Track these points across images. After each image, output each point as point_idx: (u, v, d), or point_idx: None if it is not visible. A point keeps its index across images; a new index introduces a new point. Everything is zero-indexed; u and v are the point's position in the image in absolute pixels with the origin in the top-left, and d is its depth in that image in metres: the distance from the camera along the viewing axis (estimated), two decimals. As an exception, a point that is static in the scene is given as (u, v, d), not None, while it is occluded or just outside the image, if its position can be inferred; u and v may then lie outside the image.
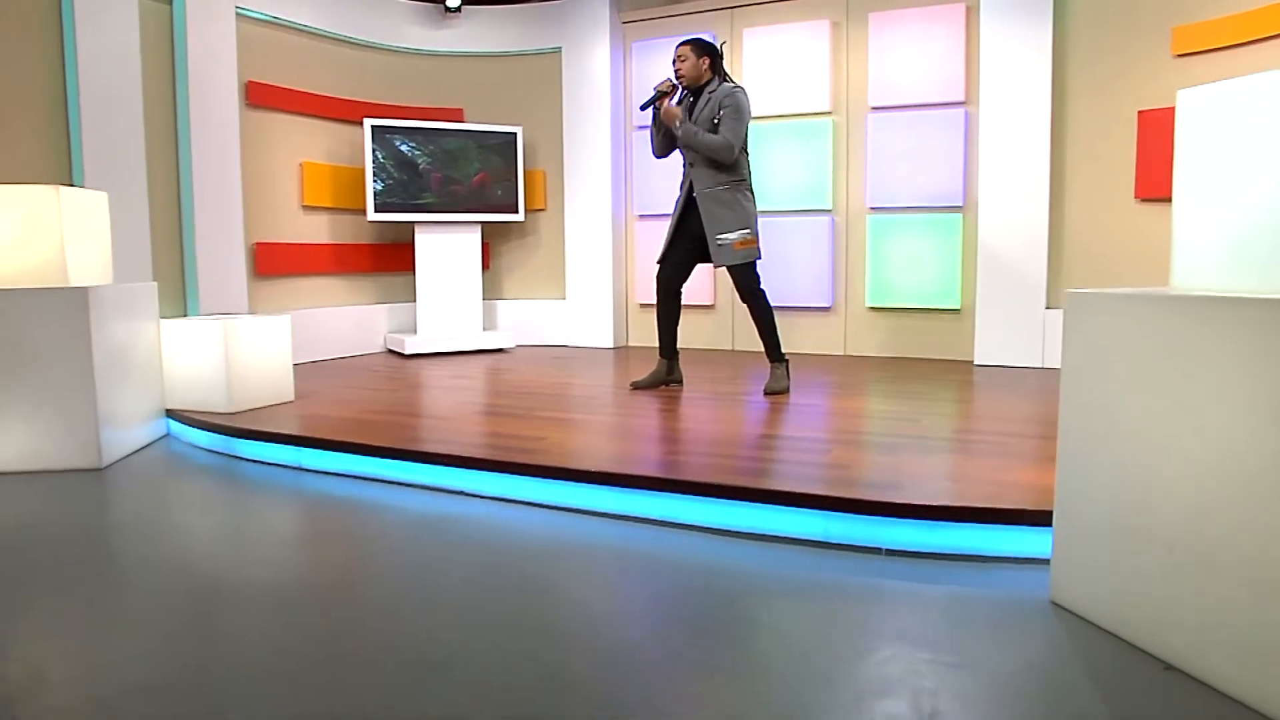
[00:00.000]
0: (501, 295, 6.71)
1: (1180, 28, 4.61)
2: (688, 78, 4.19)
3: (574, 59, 6.32)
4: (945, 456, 2.96)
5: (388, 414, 3.85)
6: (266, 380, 4.06)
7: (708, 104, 4.15)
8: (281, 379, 4.15)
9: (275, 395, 4.11)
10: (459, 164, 6.11)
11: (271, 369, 4.09)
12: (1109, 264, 5.01)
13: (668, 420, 3.72)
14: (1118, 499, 1.89)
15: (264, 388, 4.05)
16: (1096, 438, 1.94)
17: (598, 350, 6.31)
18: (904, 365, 5.36)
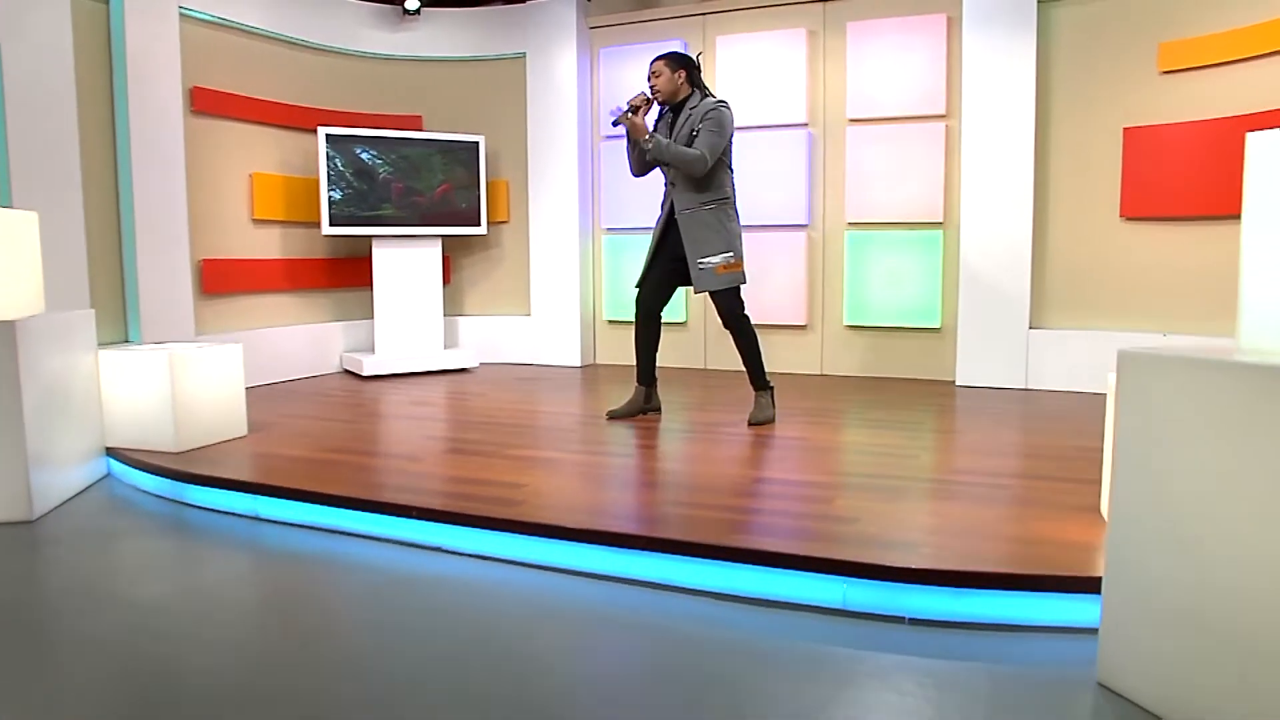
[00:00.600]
0: (463, 311, 6.46)
1: (1167, 44, 4.54)
2: (664, 93, 4.00)
3: (539, 65, 6.09)
4: (958, 505, 2.81)
5: (350, 452, 3.60)
6: (217, 414, 3.78)
7: (688, 120, 3.97)
8: (233, 412, 3.87)
9: (227, 430, 3.83)
10: (419, 174, 5.85)
11: (222, 402, 3.81)
12: (1093, 284, 4.94)
13: (651, 460, 3.52)
14: (1171, 574, 1.74)
15: (214, 422, 3.77)
16: (1149, 506, 1.80)
17: (565, 369, 6.10)
18: (884, 386, 5.23)
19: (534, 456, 3.50)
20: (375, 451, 3.63)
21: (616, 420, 4.24)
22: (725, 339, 5.81)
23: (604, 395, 5.01)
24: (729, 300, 4.03)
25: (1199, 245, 4.54)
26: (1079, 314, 5.00)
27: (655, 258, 4.12)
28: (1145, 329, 4.77)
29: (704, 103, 3.98)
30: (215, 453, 3.60)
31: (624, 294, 6.11)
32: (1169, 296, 4.67)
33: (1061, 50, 4.89)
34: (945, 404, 4.67)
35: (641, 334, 4.22)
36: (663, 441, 3.81)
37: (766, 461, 3.46)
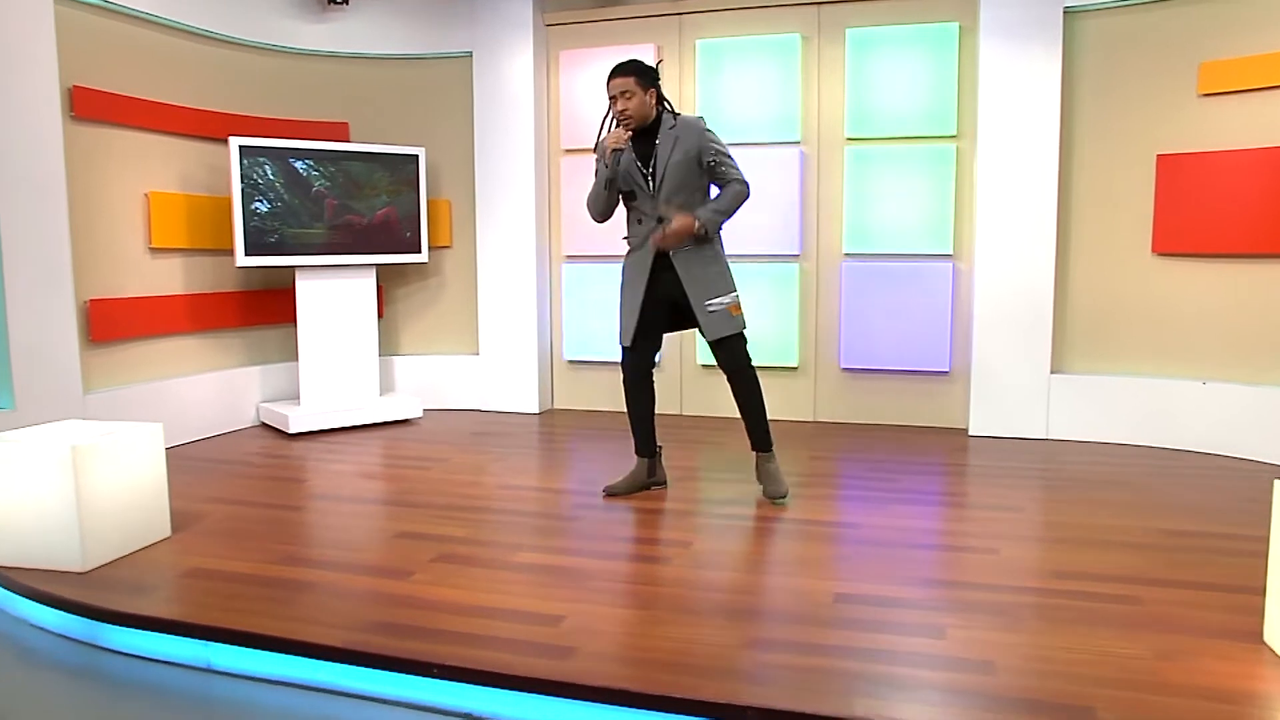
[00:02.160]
0: (398, 350, 5.81)
1: (1210, 64, 4.33)
2: (636, 118, 3.51)
3: (488, 66, 5.51)
4: (1090, 630, 2.44)
5: (311, 564, 2.98)
6: (134, 515, 3.09)
7: (675, 145, 3.50)
8: (154, 510, 3.19)
9: (146, 533, 3.15)
10: (352, 193, 5.19)
11: (141, 499, 3.12)
12: (1120, 325, 4.71)
13: (691, 566, 3.03)
14: None
15: (131, 527, 3.08)
16: None
17: (522, 416, 5.54)
18: (889, 437, 4.89)
19: (549, 566, 2.98)
20: (342, 562, 3.02)
21: (616, 498, 3.76)
22: (704, 380, 5.44)
23: (582, 455, 4.51)
24: (739, 346, 3.60)
25: (1240, 285, 4.34)
26: (1105, 357, 4.76)
27: (644, 311, 3.64)
28: (1179, 375, 4.57)
29: (683, 121, 3.55)
30: (135, 569, 2.93)
31: (586, 331, 5.60)
32: (1206, 340, 4.47)
33: (1088, 67, 4.64)
34: (972, 462, 4.36)
35: (636, 400, 3.78)
36: (686, 532, 3.33)
37: (824, 565, 3.03)
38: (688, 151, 3.49)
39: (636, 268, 3.64)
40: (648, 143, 3.53)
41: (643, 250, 3.60)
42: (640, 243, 3.62)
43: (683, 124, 3.53)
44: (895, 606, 2.65)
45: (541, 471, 4.22)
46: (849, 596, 2.73)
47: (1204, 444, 4.46)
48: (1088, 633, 2.46)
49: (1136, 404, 4.64)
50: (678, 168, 3.49)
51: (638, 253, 3.64)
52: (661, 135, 3.53)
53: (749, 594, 2.78)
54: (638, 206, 3.60)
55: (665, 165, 3.50)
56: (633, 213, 3.65)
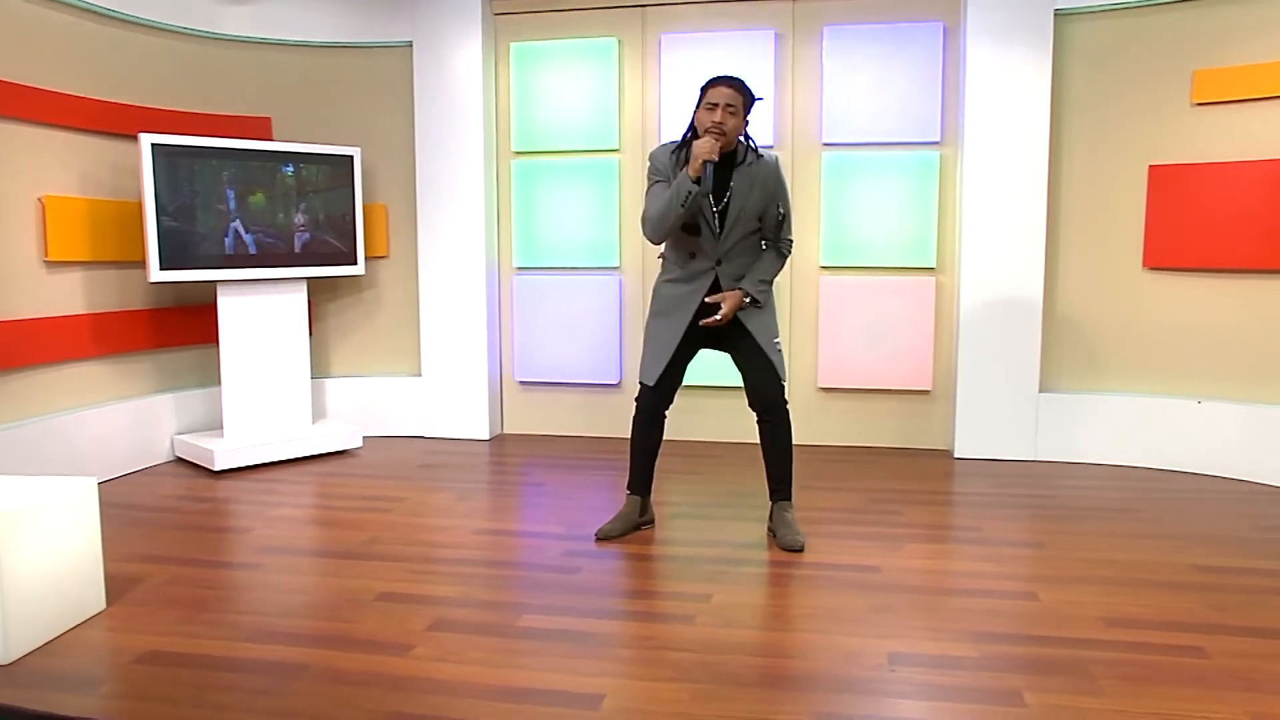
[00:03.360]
0: (329, 372, 5.44)
1: (1204, 71, 4.38)
2: (729, 141, 3.26)
3: (430, 58, 5.20)
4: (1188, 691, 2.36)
5: (287, 638, 2.68)
6: (65, 590, 2.72)
7: (753, 187, 3.32)
8: (87, 580, 2.82)
9: (79, 608, 2.78)
10: (280, 198, 4.81)
11: (72, 568, 2.75)
12: (1110, 342, 4.74)
13: (709, 619, 2.85)
14: None
15: (62, 603, 2.71)
16: None
17: (471, 444, 5.25)
18: (871, 460, 4.82)
19: (563, 631, 2.74)
20: (324, 635, 2.71)
21: (610, 541, 3.56)
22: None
23: (553, 491, 4.27)
24: (780, 386, 3.51)
25: (1235, 302, 4.41)
26: (1095, 376, 4.78)
27: (681, 349, 3.46)
28: (1173, 394, 4.61)
29: (766, 163, 3.38)
30: (71, 656, 2.57)
31: (539, 350, 5.36)
32: (1200, 358, 4.53)
33: (1079, 72, 4.64)
34: (970, 490, 4.30)
35: (646, 438, 3.62)
36: (699, 581, 3.14)
37: (861, 618, 2.88)
38: (765, 196, 3.34)
39: (680, 302, 3.44)
40: (722, 175, 3.30)
41: (693, 285, 3.41)
42: (690, 278, 3.42)
43: (762, 165, 3.34)
44: (957, 668, 2.53)
45: (516, 512, 3.97)
46: (904, 657, 2.59)
47: (1198, 465, 4.52)
48: (1170, 693, 2.38)
49: (1128, 424, 4.67)
50: (752, 213, 3.34)
51: (683, 286, 3.44)
52: (739, 172, 3.32)
53: (794, 657, 2.60)
54: (698, 242, 3.38)
55: (740, 208, 3.32)
56: (687, 244, 3.41)
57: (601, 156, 5.22)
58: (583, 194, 5.23)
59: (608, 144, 5.19)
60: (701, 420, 5.17)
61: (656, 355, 3.47)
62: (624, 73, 5.17)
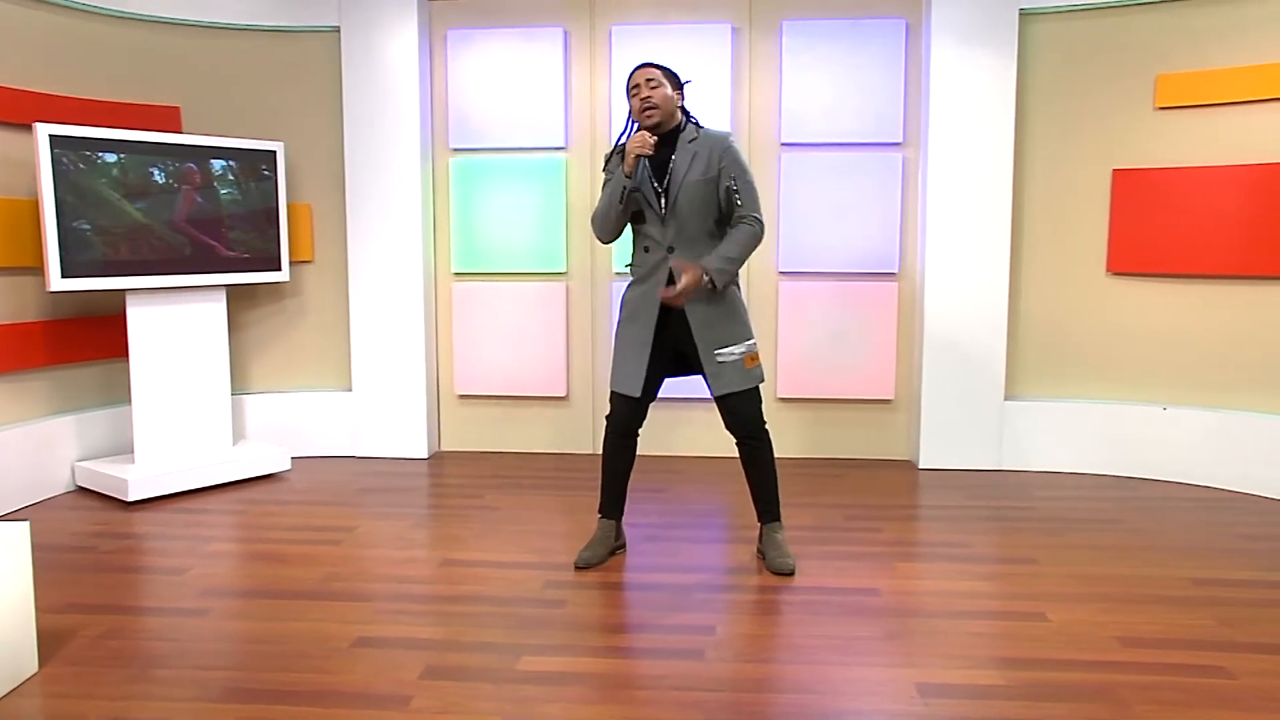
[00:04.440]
0: (248, 388, 5.17)
1: (1168, 76, 4.52)
2: (661, 110, 3.25)
3: (359, 45, 4.99)
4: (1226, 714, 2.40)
5: (258, 695, 2.48)
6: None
7: (693, 160, 3.26)
8: (17, 638, 2.57)
9: (11, 673, 2.52)
10: (195, 197, 4.53)
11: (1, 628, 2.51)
12: (1074, 347, 4.86)
13: (721, 654, 2.78)
14: None
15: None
16: None
17: (409, 463, 5.06)
18: (835, 472, 4.83)
19: (570, 674, 2.63)
20: (307, 691, 2.52)
21: (590, 569, 3.47)
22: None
23: (512, 515, 4.13)
24: (754, 404, 3.40)
25: (1199, 307, 4.57)
26: (1059, 382, 4.90)
27: (652, 357, 3.36)
28: (1137, 400, 4.76)
29: (710, 135, 3.31)
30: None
31: (481, 360, 5.20)
32: (1164, 364, 4.68)
33: (1043, 74, 4.74)
34: (945, 503, 4.34)
35: (618, 458, 3.53)
36: (697, 612, 3.07)
37: (878, 647, 2.85)
38: (708, 170, 3.24)
39: (644, 303, 3.34)
40: (664, 155, 3.25)
41: (651, 281, 3.32)
42: (648, 273, 3.33)
43: (705, 137, 3.29)
44: (990, 698, 2.52)
45: (479, 540, 3.81)
46: (932, 688, 2.57)
47: (1165, 472, 4.67)
48: (1204, 717, 2.41)
49: (1093, 431, 4.80)
50: (695, 188, 3.24)
51: (645, 285, 3.35)
52: (680, 148, 3.27)
53: (821, 692, 2.55)
54: (646, 231, 3.32)
55: (680, 184, 3.24)
56: (640, 238, 3.36)
57: (547, 155, 5.09)
58: (527, 194, 5.09)
59: (553, 141, 5.07)
60: (659, 434, 5.09)
61: (630, 362, 3.36)
62: (571, 65, 5.06)
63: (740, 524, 4.03)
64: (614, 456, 3.51)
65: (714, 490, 4.54)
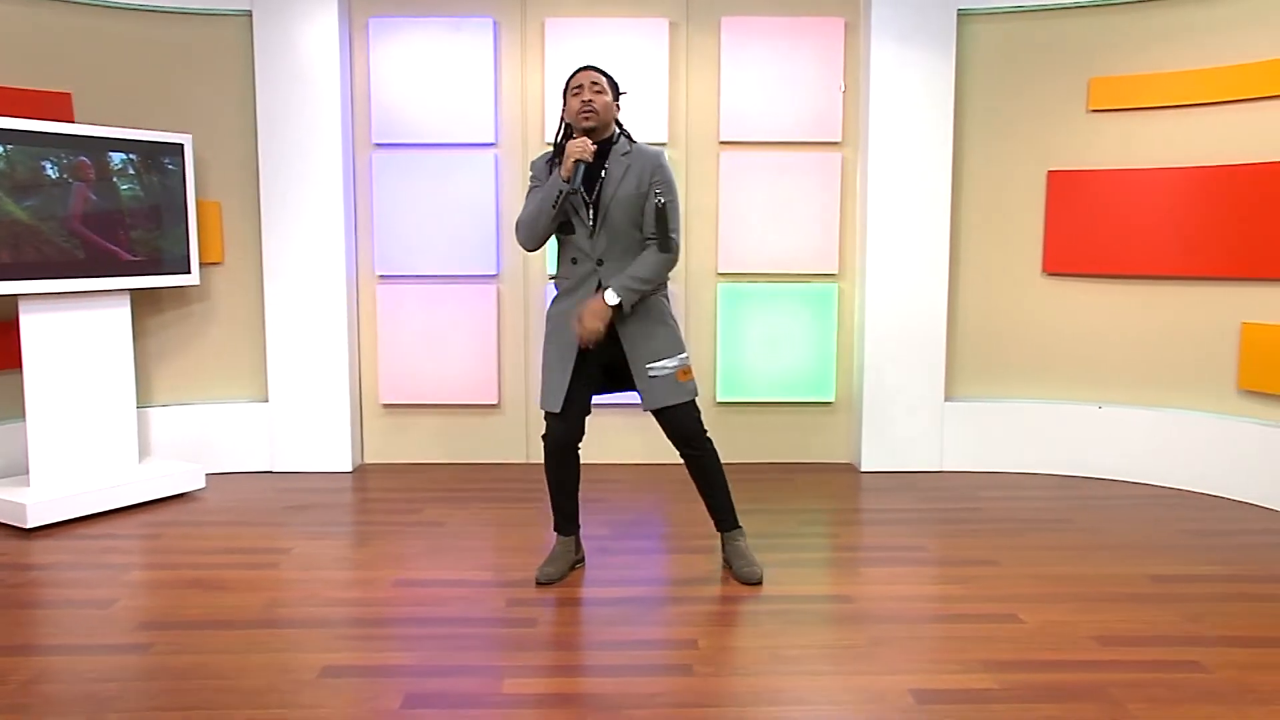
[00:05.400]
0: (152, 400, 4.93)
1: (1100, 79, 4.74)
2: (598, 118, 3.25)
3: (274, 31, 4.81)
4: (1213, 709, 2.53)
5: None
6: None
7: (625, 174, 3.26)
8: (-54, 683, 2.39)
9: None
10: (93, 193, 4.30)
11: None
12: (1012, 347, 5.04)
13: (709, 668, 2.78)
14: None
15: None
16: None
17: (332, 478, 4.90)
18: (778, 477, 4.91)
19: (558, 695, 2.59)
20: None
21: (551, 585, 3.45)
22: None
23: (457, 530, 4.06)
24: (691, 417, 3.42)
25: (1132, 307, 4.80)
26: (997, 382, 5.07)
27: (576, 371, 3.35)
28: (1073, 399, 4.96)
29: (643, 151, 3.33)
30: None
31: (407, 367, 5.09)
32: (1099, 363, 4.90)
33: (980, 75, 4.91)
34: (894, 505, 4.44)
35: (561, 473, 3.49)
36: (675, 626, 3.07)
37: (863, 654, 2.90)
38: (639, 185, 3.25)
39: (569, 316, 3.32)
40: (595, 166, 3.24)
41: (578, 294, 3.31)
42: (575, 285, 3.32)
43: (638, 152, 3.30)
44: (985, 701, 2.59)
45: (428, 558, 3.72)
46: (928, 694, 2.63)
47: (1102, 470, 4.88)
48: (1194, 713, 2.52)
49: (1032, 431, 4.99)
50: (626, 203, 3.24)
51: (569, 299, 3.33)
52: (612, 159, 3.27)
53: (820, 703, 2.57)
54: (573, 242, 3.30)
55: (611, 197, 3.24)
56: (568, 248, 3.34)
57: (476, 151, 5.02)
58: (455, 193, 5.00)
59: (483, 137, 4.99)
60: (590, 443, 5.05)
61: (555, 377, 3.34)
62: (502, 58, 5.00)
63: (691, 532, 4.05)
64: (556, 474, 3.48)
65: (655, 498, 4.55)
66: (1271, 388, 4.39)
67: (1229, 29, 4.42)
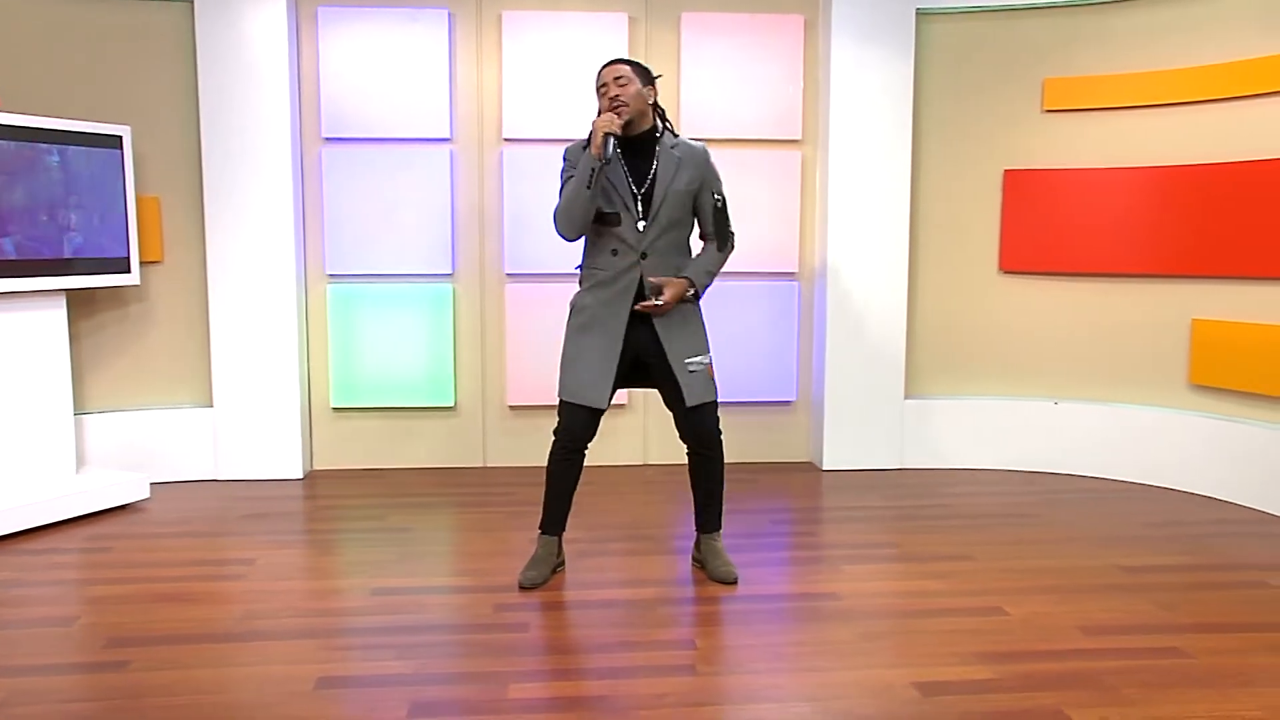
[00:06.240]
0: (87, 406, 4.78)
1: (1053, 80, 4.92)
2: (631, 109, 3.27)
3: (216, 18, 4.70)
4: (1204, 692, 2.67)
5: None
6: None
7: (678, 170, 3.33)
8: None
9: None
10: (25, 187, 4.17)
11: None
12: (969, 345, 5.20)
13: (713, 667, 2.84)
14: None
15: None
16: None
17: (283, 485, 4.82)
18: (741, 478, 4.96)
19: (568, 699, 2.62)
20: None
21: (536, 589, 3.46)
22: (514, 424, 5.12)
23: (426, 535, 4.04)
24: (715, 416, 3.55)
25: (1086, 304, 4.99)
26: (954, 379, 5.23)
27: (619, 364, 3.39)
28: (1030, 395, 5.14)
29: (690, 147, 3.41)
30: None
31: (359, 369, 5.04)
32: (1055, 360, 5.08)
33: (938, 74, 5.05)
34: (861, 504, 4.55)
35: (567, 474, 3.52)
36: (670, 627, 3.12)
37: (862, 649, 2.98)
38: (690, 182, 3.33)
39: (610, 309, 3.35)
40: (643, 158, 3.29)
41: (617, 287, 3.34)
42: (614, 278, 3.34)
43: (685, 148, 3.37)
44: (988, 691, 2.69)
45: (403, 565, 3.68)
46: (931, 686, 2.72)
47: (1057, 464, 5.07)
48: (1185, 696, 2.66)
49: (989, 427, 5.15)
50: (677, 199, 3.32)
51: (607, 290, 3.35)
52: (661, 153, 3.32)
53: (829, 698, 2.63)
54: (619, 234, 3.32)
55: (666, 191, 3.30)
56: (607, 239, 3.35)
57: (431, 146, 4.99)
58: (409, 188, 4.97)
59: (438, 131, 4.97)
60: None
61: (592, 372, 3.36)
62: (457, 51, 4.98)
63: (664, 534, 4.10)
64: (562, 473, 3.49)
65: (623, 501, 4.58)
66: (1221, 382, 4.61)
67: (1180, 33, 4.64)
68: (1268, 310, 4.43)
